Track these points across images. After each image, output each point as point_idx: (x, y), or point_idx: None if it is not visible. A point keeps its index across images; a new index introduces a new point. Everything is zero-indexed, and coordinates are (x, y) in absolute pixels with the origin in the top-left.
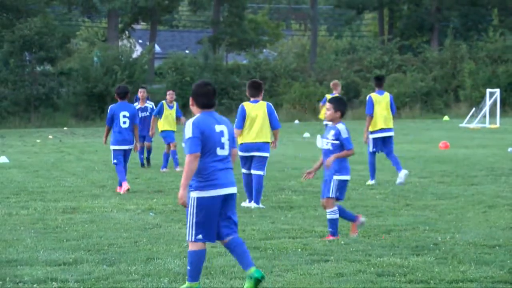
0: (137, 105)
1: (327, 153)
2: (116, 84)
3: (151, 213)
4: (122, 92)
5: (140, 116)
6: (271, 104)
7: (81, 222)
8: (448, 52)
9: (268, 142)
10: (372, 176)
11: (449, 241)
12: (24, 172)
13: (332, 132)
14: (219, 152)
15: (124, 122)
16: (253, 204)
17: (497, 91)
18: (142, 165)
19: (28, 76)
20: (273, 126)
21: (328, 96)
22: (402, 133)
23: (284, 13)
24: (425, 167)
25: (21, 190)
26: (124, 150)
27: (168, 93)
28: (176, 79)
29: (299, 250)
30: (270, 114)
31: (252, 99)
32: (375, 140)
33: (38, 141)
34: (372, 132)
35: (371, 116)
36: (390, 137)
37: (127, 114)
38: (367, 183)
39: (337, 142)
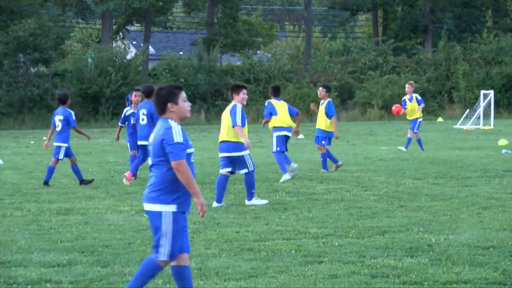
0: (129, 109)
1: None
2: (110, 86)
3: (145, 215)
4: (147, 91)
5: (132, 122)
6: (237, 105)
7: (75, 224)
8: (442, 53)
9: (238, 142)
10: (285, 170)
11: (443, 243)
12: (18, 174)
13: None
14: (148, 161)
15: (142, 119)
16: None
17: (491, 92)
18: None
19: (22, 78)
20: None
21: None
22: (396, 134)
23: (278, 14)
24: (419, 169)
25: (15, 191)
26: (142, 146)
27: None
28: (170, 81)
29: (293, 251)
30: (230, 114)
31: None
32: (278, 138)
33: (32, 142)
34: (277, 129)
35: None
36: (289, 136)
37: (144, 111)
38: (282, 179)
39: None
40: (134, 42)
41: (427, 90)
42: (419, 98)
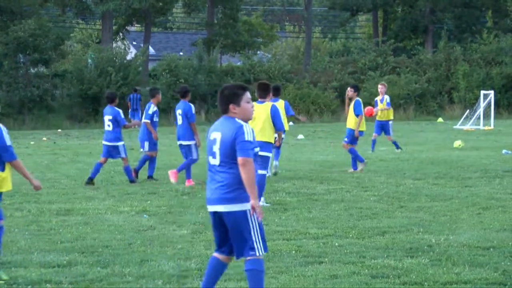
0: (154, 107)
1: None
2: (110, 86)
3: (145, 215)
4: (182, 91)
5: (154, 120)
6: (276, 106)
7: (75, 224)
8: (442, 54)
9: (269, 142)
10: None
11: (443, 243)
12: (18, 174)
13: None
14: (210, 161)
15: (179, 119)
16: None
17: (491, 93)
18: (151, 177)
19: (22, 78)
20: (276, 128)
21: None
22: (396, 135)
23: (278, 15)
24: (419, 169)
25: (15, 192)
26: (180, 145)
27: (349, 89)
28: (170, 81)
29: (293, 252)
30: (273, 116)
31: (259, 99)
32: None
33: (32, 143)
34: None
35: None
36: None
37: (180, 111)
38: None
39: None
40: (134, 43)
41: (427, 91)
42: (388, 100)
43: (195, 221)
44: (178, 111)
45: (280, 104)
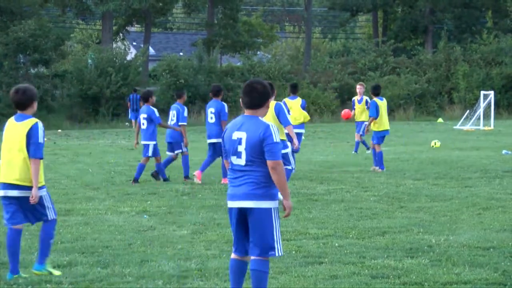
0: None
1: None
2: (110, 86)
3: (145, 216)
4: (214, 90)
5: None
6: (280, 103)
7: (75, 224)
8: (442, 54)
9: (281, 139)
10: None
11: (443, 243)
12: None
13: None
14: (234, 161)
15: (211, 118)
16: None
17: (491, 93)
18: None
19: (22, 79)
20: (282, 124)
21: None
22: (396, 135)
23: (278, 15)
24: (419, 169)
25: None
26: (212, 144)
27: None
28: (170, 81)
29: (293, 252)
30: (277, 114)
31: None
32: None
33: None
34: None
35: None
36: (300, 133)
37: (213, 110)
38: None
39: None
40: (134, 43)
41: (427, 91)
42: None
43: (195, 221)
44: (211, 110)
45: (297, 101)
